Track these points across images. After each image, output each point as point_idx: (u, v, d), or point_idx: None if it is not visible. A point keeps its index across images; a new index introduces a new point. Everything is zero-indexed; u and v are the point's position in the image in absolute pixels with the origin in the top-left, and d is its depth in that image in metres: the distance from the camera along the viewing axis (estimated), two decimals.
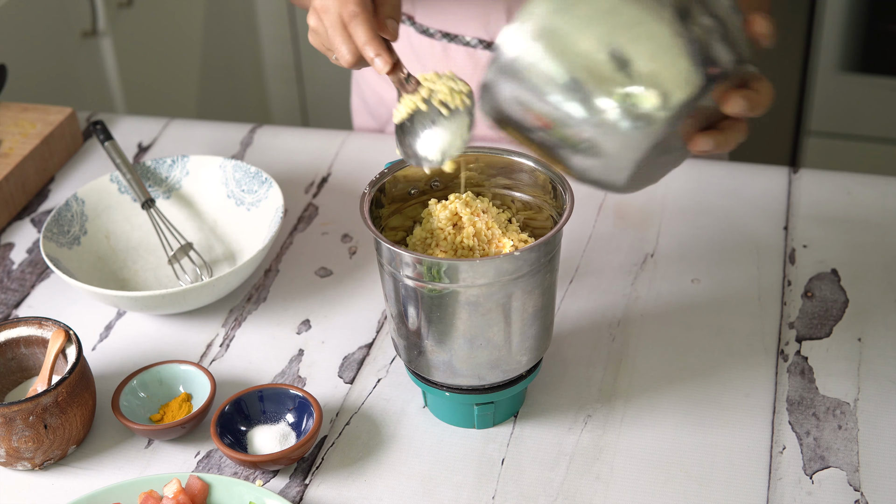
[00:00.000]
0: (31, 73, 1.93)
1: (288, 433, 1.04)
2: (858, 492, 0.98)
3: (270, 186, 1.25)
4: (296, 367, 1.13)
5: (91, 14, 2.10)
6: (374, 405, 1.09)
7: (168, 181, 1.30)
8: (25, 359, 1.09)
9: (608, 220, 1.30)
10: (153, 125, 1.52)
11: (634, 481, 1.00)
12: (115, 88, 2.20)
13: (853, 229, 1.28)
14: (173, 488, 0.97)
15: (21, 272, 1.27)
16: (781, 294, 1.19)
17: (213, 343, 1.17)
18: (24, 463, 1.02)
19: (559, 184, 1.01)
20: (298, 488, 1.01)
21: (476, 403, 1.03)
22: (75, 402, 1.02)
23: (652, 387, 1.09)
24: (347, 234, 1.31)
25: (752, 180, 1.36)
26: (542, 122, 0.79)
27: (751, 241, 1.26)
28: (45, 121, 1.42)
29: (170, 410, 1.07)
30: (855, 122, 2.53)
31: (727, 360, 1.12)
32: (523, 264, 0.94)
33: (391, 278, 0.97)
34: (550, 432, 1.05)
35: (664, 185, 1.35)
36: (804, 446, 1.03)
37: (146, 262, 1.26)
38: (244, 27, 2.77)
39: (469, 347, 0.98)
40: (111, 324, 1.20)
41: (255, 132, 1.49)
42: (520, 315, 0.97)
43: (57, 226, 1.22)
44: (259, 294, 1.23)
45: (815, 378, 1.09)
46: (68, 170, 1.43)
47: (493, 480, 1.01)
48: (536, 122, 0.80)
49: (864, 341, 1.13)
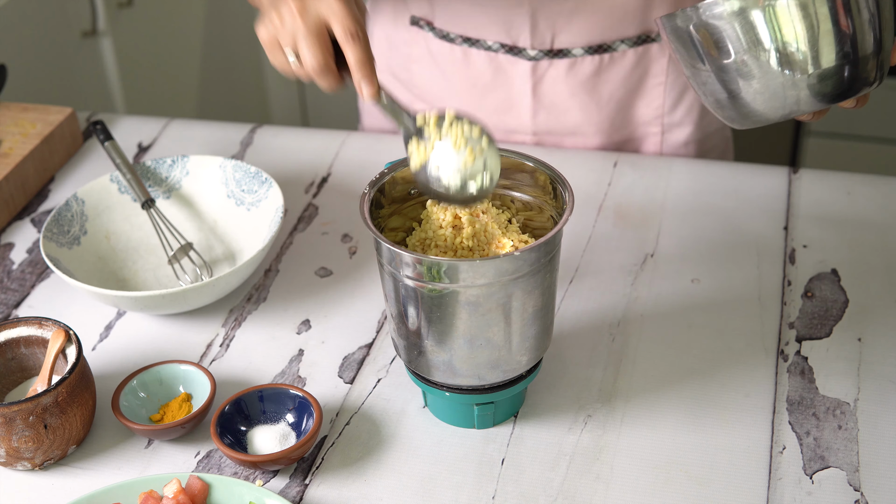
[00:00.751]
0: (31, 73, 1.93)
1: (288, 433, 1.04)
2: (858, 492, 0.98)
3: (270, 186, 1.25)
4: (296, 367, 1.13)
5: (91, 14, 2.10)
6: (374, 405, 1.09)
7: (168, 181, 1.30)
8: (25, 359, 1.09)
9: (608, 220, 1.30)
10: (153, 125, 1.52)
11: (634, 481, 1.00)
12: (115, 88, 2.20)
13: (853, 229, 1.28)
14: (173, 488, 0.97)
15: (21, 272, 1.27)
16: (781, 294, 1.19)
17: (213, 343, 1.17)
18: (24, 463, 1.02)
19: (559, 184, 1.01)
20: (298, 488, 1.01)
21: (476, 403, 1.03)
22: (75, 402, 1.02)
23: (652, 387, 1.09)
24: (347, 234, 1.31)
25: (752, 180, 1.36)
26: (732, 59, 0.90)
27: (751, 241, 1.26)
28: (45, 121, 1.43)
29: (170, 410, 1.07)
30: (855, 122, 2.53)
31: (727, 360, 1.12)
32: (523, 264, 0.94)
33: (391, 278, 0.97)
34: (550, 432, 1.05)
35: (664, 185, 1.35)
36: (804, 446, 1.03)
37: (146, 262, 1.26)
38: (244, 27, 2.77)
39: (469, 347, 0.98)
40: (111, 324, 1.20)
41: (255, 132, 1.49)
42: (520, 315, 0.97)
43: (57, 226, 1.22)
44: (259, 294, 1.23)
45: (815, 378, 1.09)
46: (68, 170, 1.43)
47: (493, 480, 1.01)
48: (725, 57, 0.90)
49: (864, 341, 1.13)
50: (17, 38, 1.89)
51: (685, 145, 1.46)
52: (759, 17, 0.86)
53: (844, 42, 0.87)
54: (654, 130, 1.45)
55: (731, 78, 0.90)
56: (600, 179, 1.37)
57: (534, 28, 1.34)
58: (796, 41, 0.87)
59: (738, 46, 0.88)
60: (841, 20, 0.86)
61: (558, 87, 1.39)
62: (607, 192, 1.35)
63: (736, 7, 0.87)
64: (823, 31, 0.86)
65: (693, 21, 0.89)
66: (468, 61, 1.39)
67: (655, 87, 1.41)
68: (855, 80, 0.89)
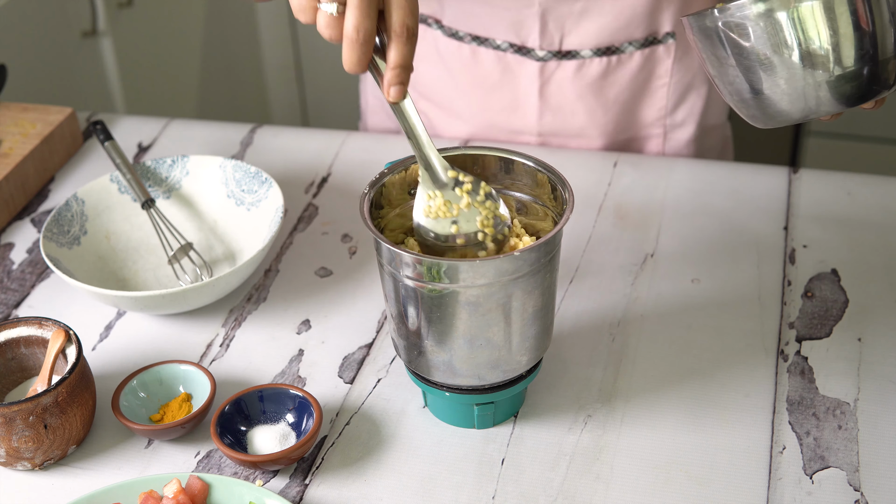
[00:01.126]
0: (31, 73, 1.93)
1: (288, 433, 1.04)
2: (858, 492, 0.98)
3: (270, 186, 1.25)
4: (296, 367, 1.13)
5: (91, 14, 2.10)
6: (374, 405, 1.09)
7: (168, 181, 1.30)
8: (25, 359, 1.09)
9: (608, 220, 1.30)
10: (153, 125, 1.52)
11: (634, 481, 1.00)
12: (115, 88, 2.20)
13: (853, 229, 1.28)
14: (173, 488, 0.97)
15: (21, 272, 1.27)
16: (781, 294, 1.19)
17: (213, 343, 1.17)
18: (24, 463, 1.02)
19: (559, 184, 1.01)
20: (298, 488, 1.01)
21: (476, 403, 1.03)
22: (75, 402, 1.02)
23: (652, 387, 1.09)
24: (347, 234, 1.31)
25: (752, 180, 1.36)
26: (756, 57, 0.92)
27: (751, 241, 1.26)
28: (45, 121, 1.42)
29: (170, 410, 1.07)
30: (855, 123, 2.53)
31: (727, 360, 1.12)
32: (523, 264, 0.94)
33: (391, 278, 0.97)
34: (550, 432, 1.05)
35: (664, 185, 1.35)
36: (804, 446, 1.03)
37: (146, 262, 1.26)
38: (244, 27, 2.77)
39: (469, 347, 0.98)
40: (111, 324, 1.20)
41: (255, 132, 1.49)
42: (520, 315, 0.97)
43: (57, 226, 1.22)
44: (259, 294, 1.23)
45: (815, 378, 1.09)
46: (68, 170, 1.43)
47: (493, 480, 1.01)
48: (750, 56, 0.92)
49: (864, 341, 1.13)
50: (17, 38, 1.89)
51: (686, 146, 1.47)
52: (785, 18, 0.88)
53: (865, 45, 0.89)
54: (656, 132, 1.45)
55: (757, 77, 0.92)
56: (600, 179, 1.37)
57: (543, 29, 1.34)
58: (819, 42, 0.88)
59: (764, 46, 0.89)
60: (863, 23, 0.88)
61: (565, 88, 1.39)
62: (607, 192, 1.35)
63: (762, 9, 0.88)
64: (845, 35, 0.88)
65: (721, 21, 0.90)
66: (476, 60, 1.39)
67: (660, 89, 1.41)
68: (875, 84, 0.91)
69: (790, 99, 0.92)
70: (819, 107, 0.92)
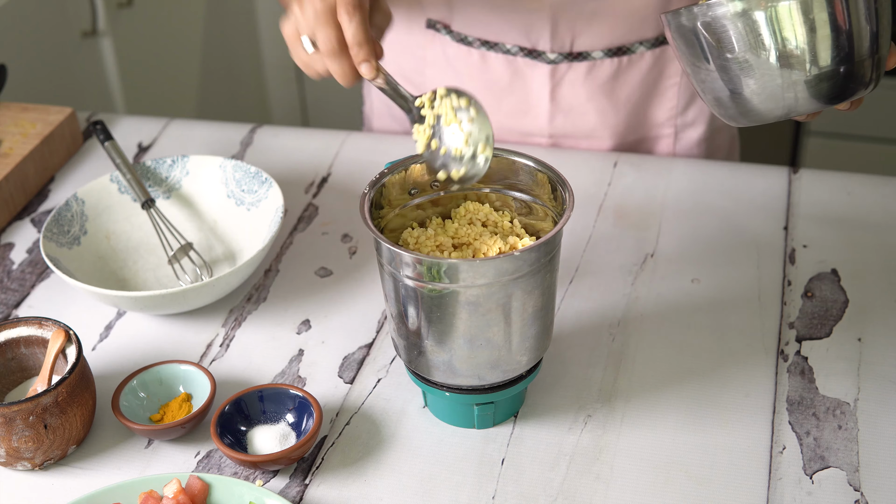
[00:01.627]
0: (31, 73, 1.93)
1: (288, 433, 1.04)
2: (858, 492, 0.98)
3: (270, 186, 1.25)
4: (296, 367, 1.13)
5: (91, 14, 2.10)
6: (374, 405, 1.09)
7: (168, 181, 1.30)
8: (25, 359, 1.09)
9: (608, 220, 1.30)
10: (153, 125, 1.52)
11: (634, 481, 1.00)
12: (115, 88, 2.21)
13: (853, 229, 1.28)
14: (173, 488, 0.97)
15: (21, 272, 1.27)
16: (781, 294, 1.19)
17: (213, 343, 1.17)
18: (24, 463, 1.02)
19: (559, 184, 1.01)
20: (298, 488, 1.01)
21: (476, 403, 1.03)
22: (75, 402, 1.02)
23: (652, 387, 1.09)
24: (347, 234, 1.31)
25: (752, 180, 1.36)
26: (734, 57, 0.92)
27: (751, 241, 1.26)
28: (45, 121, 1.43)
29: (170, 410, 1.07)
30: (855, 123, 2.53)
31: (727, 360, 1.12)
32: (523, 264, 0.94)
33: (391, 278, 0.97)
34: (550, 432, 1.05)
35: (664, 185, 1.35)
36: (804, 446, 1.03)
37: (146, 262, 1.26)
38: (244, 27, 2.78)
39: (469, 347, 0.98)
40: (111, 324, 1.20)
41: (255, 132, 1.49)
42: (520, 315, 0.97)
43: (57, 226, 1.22)
44: (259, 294, 1.23)
45: (815, 378, 1.09)
46: (68, 170, 1.43)
47: (493, 480, 1.01)
48: (728, 55, 0.92)
49: (864, 341, 1.13)
50: (17, 38, 1.89)
51: (697, 145, 1.46)
52: (762, 17, 0.87)
53: (842, 45, 0.89)
54: (667, 132, 1.45)
55: (733, 76, 0.91)
56: (600, 179, 1.37)
57: (554, 31, 1.34)
58: (796, 42, 0.88)
59: (741, 45, 0.89)
60: (840, 23, 0.88)
61: (576, 90, 1.39)
62: (607, 192, 1.35)
63: (739, 8, 0.88)
64: (822, 35, 0.88)
65: (698, 19, 0.90)
66: (485, 65, 1.39)
67: (670, 89, 1.41)
68: (851, 82, 0.90)
69: (764, 98, 0.91)
70: (797, 105, 0.91)
